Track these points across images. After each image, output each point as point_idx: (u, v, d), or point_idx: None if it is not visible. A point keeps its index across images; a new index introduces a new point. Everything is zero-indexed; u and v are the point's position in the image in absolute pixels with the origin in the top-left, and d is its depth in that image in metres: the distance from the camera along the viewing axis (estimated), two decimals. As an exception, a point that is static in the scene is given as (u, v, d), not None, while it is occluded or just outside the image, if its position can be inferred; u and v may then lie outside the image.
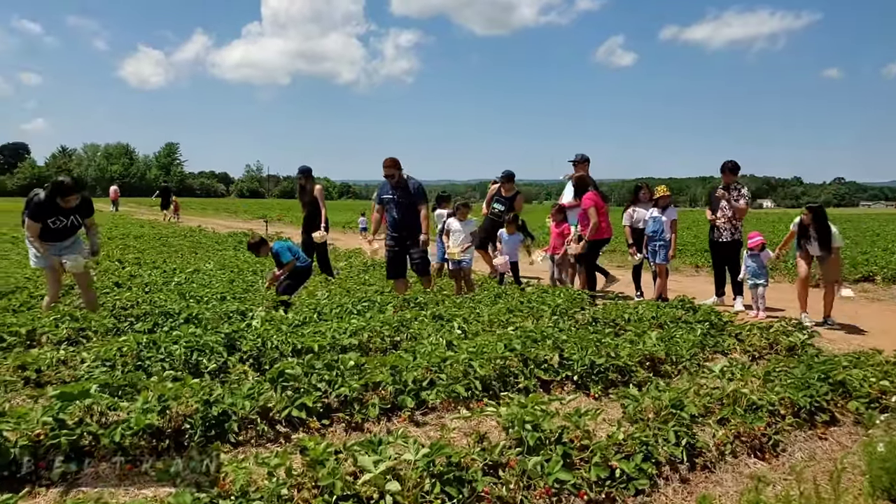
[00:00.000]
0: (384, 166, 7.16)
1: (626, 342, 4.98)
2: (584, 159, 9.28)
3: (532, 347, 4.55)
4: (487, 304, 6.65)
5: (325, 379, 3.73)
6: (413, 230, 7.19)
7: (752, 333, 5.74)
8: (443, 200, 10.19)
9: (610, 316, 6.22)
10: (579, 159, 9.28)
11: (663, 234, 8.13)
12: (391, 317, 5.35)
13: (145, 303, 6.12)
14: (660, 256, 8.16)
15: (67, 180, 5.29)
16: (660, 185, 8.46)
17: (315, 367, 3.79)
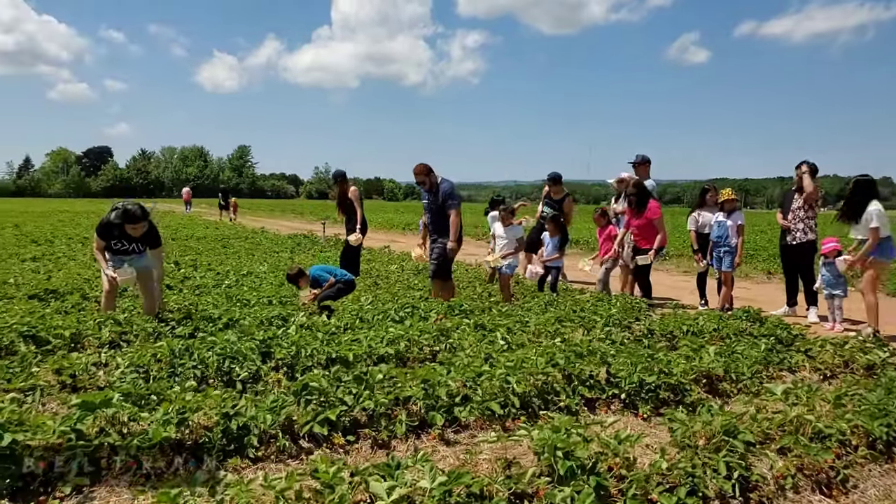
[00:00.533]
0: (414, 173, 6.98)
1: (682, 357, 4.64)
2: (644, 160, 8.84)
3: (577, 362, 4.27)
4: (538, 312, 6.38)
5: (353, 392, 3.56)
6: (442, 234, 6.96)
7: (825, 349, 5.28)
8: (496, 204, 9.95)
9: (667, 327, 5.86)
10: (640, 161, 8.85)
11: (728, 239, 7.67)
12: (431, 325, 5.16)
13: (192, 306, 6.13)
14: (725, 263, 7.69)
15: (136, 210, 5.36)
16: (726, 188, 7.99)
17: (342, 379, 3.63)
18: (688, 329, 5.81)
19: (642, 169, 8.88)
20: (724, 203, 7.81)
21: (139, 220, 5.34)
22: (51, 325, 4.87)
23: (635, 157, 8.95)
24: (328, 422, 3.33)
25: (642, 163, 8.88)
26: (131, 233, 5.37)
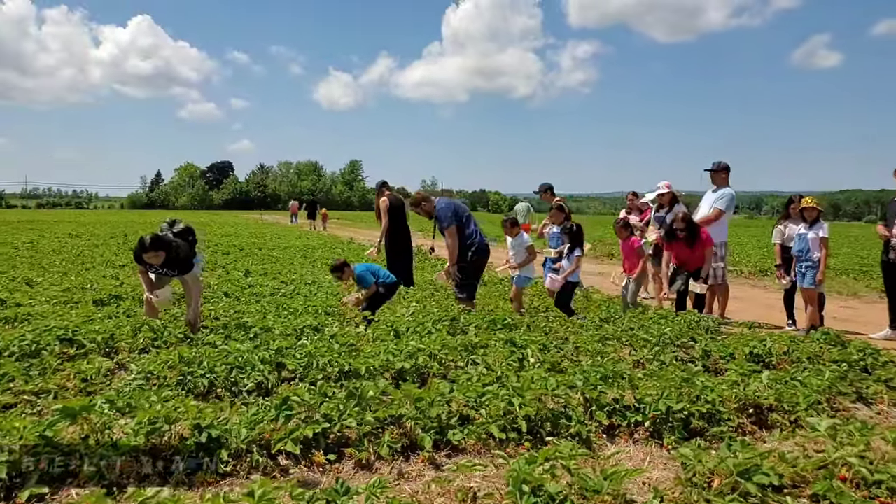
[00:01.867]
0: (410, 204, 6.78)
1: (726, 383, 4.15)
2: (721, 167, 8.17)
3: (598, 384, 3.90)
4: (590, 328, 5.99)
5: (341, 408, 3.40)
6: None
7: (911, 380, 4.59)
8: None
9: (728, 350, 5.30)
10: (717, 167, 8.19)
11: (810, 253, 6.92)
12: (458, 339, 4.91)
13: (239, 314, 6.20)
14: (807, 280, 6.95)
15: (146, 240, 5.37)
16: (807, 196, 7.22)
17: (328, 394, 3.47)
18: (751, 352, 5.24)
19: (719, 177, 8.22)
20: (804, 211, 7.06)
21: (148, 250, 5.32)
22: (90, 329, 5.02)
23: (713, 164, 8.30)
24: (306, 439, 3.18)
25: (719, 170, 8.21)
26: (149, 261, 5.42)
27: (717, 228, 8.09)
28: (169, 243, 5.38)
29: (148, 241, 5.28)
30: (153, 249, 5.29)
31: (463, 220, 6.45)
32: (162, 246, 5.31)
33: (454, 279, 6.52)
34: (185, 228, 5.80)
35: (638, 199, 9.23)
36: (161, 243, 5.31)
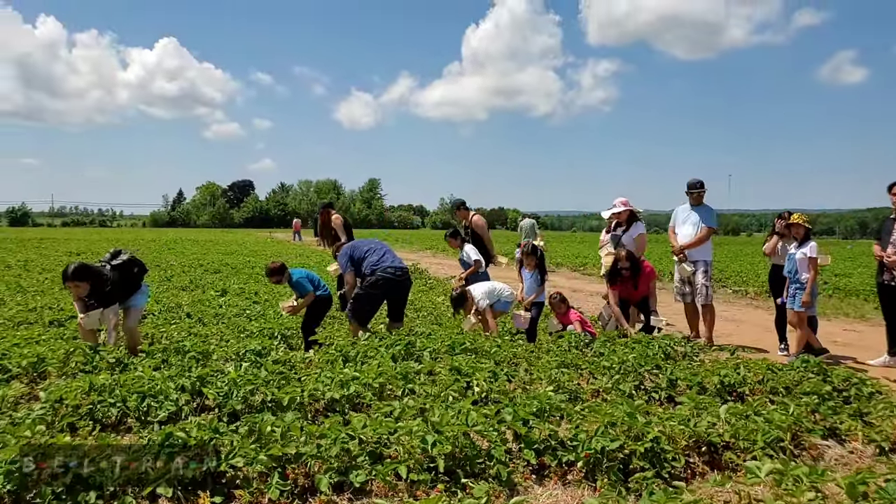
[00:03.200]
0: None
1: (678, 418, 3.79)
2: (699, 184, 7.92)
3: (531, 419, 3.57)
4: (554, 354, 5.65)
5: (234, 444, 3.10)
6: None
7: (891, 415, 4.19)
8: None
9: (696, 379, 4.93)
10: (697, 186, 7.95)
11: (798, 274, 6.53)
12: (400, 366, 4.60)
13: (191, 336, 5.95)
14: (796, 302, 6.55)
15: (68, 269, 5.20)
16: (796, 213, 6.82)
17: (220, 430, 3.18)
18: (721, 381, 4.86)
19: (699, 194, 7.92)
20: (791, 228, 6.67)
21: (69, 279, 5.14)
22: (20, 352, 4.80)
23: (695, 183, 7.94)
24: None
25: (699, 188, 7.91)
26: (70, 289, 5.22)
27: (703, 247, 7.78)
28: (96, 274, 5.19)
29: (70, 270, 5.10)
30: (74, 279, 5.12)
31: (362, 256, 6.34)
32: (85, 276, 5.12)
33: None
34: (129, 260, 5.59)
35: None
36: (84, 274, 5.13)
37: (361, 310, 6.20)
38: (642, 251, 7.69)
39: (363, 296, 6.15)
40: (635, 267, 6.96)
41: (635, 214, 7.88)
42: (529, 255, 7.09)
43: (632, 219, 7.82)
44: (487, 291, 6.79)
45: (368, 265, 6.21)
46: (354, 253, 6.37)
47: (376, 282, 6.11)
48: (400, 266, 6.35)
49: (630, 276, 6.96)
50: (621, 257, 7.01)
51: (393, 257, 6.40)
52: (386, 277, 6.13)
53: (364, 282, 6.18)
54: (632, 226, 7.79)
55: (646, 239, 7.92)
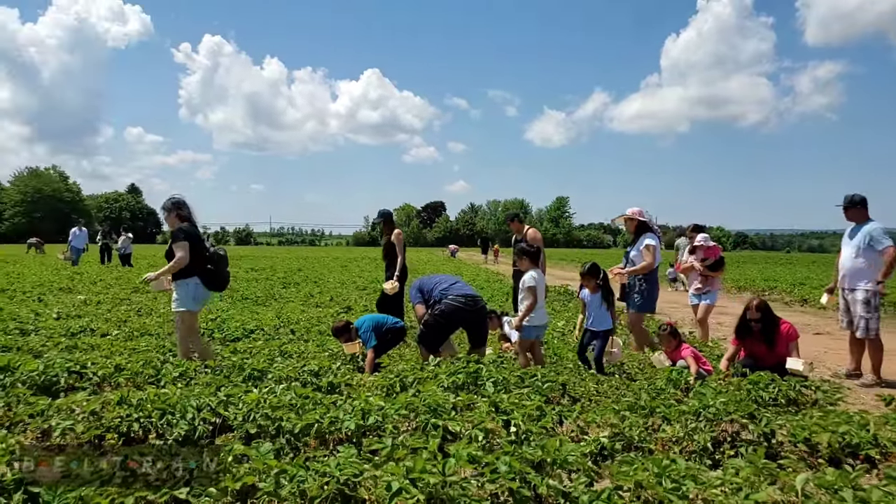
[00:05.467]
0: None
1: (729, 486, 3.01)
2: (857, 201, 6.68)
3: (529, 473, 3.02)
4: (622, 393, 4.92)
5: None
6: None
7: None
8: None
9: (802, 433, 3.96)
10: (849, 203, 6.75)
11: None
12: (424, 398, 4.19)
13: (277, 354, 6.02)
14: None
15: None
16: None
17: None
18: (840, 439, 3.86)
19: (857, 213, 6.64)
20: None
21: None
22: (103, 363, 5.10)
23: (845, 199, 6.71)
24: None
25: (851, 206, 6.63)
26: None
27: (872, 273, 6.51)
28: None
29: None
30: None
31: (432, 286, 6.27)
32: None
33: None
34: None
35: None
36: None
37: (429, 336, 6.11)
38: (649, 266, 6.76)
39: (431, 323, 6.07)
40: (769, 320, 5.91)
41: (646, 224, 6.97)
42: (587, 276, 6.20)
43: (641, 229, 6.96)
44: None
45: (438, 292, 6.17)
46: (424, 285, 6.37)
47: (444, 309, 6.03)
48: (470, 294, 6.20)
49: (761, 332, 5.90)
50: (752, 307, 5.97)
51: (463, 286, 6.31)
52: (454, 305, 6.04)
53: (433, 309, 6.08)
54: (641, 237, 6.93)
55: (656, 251, 6.85)
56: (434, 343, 6.06)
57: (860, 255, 6.63)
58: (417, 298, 6.28)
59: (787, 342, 5.87)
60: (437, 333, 6.07)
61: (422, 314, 6.16)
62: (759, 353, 5.91)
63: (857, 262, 6.66)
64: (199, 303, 5.74)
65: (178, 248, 5.52)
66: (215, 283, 5.81)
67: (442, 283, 6.23)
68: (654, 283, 6.89)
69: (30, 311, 8.26)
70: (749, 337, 5.97)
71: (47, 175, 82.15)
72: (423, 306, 6.18)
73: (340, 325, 6.49)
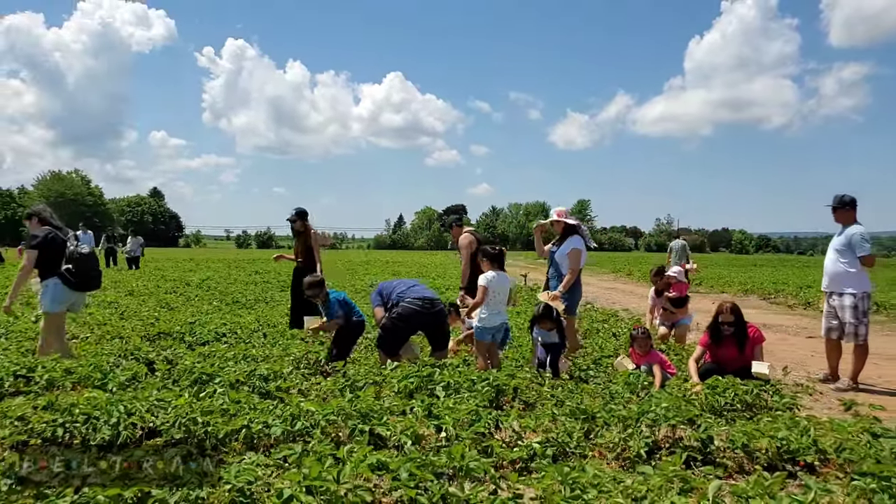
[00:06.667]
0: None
1: (634, 494, 2.93)
2: (847, 202, 6.61)
3: (429, 481, 2.96)
4: (576, 395, 4.83)
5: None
6: None
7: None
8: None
9: (740, 440, 3.86)
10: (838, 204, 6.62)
11: None
12: (360, 403, 4.14)
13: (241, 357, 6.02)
14: None
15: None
16: None
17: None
18: (779, 445, 3.75)
19: (845, 214, 6.53)
20: None
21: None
22: (51, 367, 5.12)
23: (835, 200, 6.58)
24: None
25: (843, 206, 6.52)
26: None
27: (858, 278, 6.39)
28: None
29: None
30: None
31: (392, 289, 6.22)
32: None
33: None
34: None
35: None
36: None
37: (387, 339, 6.08)
38: (574, 272, 6.53)
39: (389, 326, 6.04)
40: (741, 323, 5.80)
41: (574, 227, 6.74)
42: (543, 319, 6.00)
43: (568, 232, 6.72)
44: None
45: (396, 295, 6.12)
46: (384, 289, 6.34)
47: (402, 312, 5.98)
48: (428, 296, 6.13)
49: (734, 336, 5.79)
50: (724, 310, 5.85)
51: (422, 289, 6.24)
52: (411, 308, 5.98)
53: (391, 312, 6.04)
54: (567, 239, 6.69)
55: (581, 255, 6.62)
56: (393, 347, 6.02)
57: (843, 259, 6.49)
58: (377, 302, 6.24)
59: (753, 346, 5.75)
60: (394, 337, 6.01)
61: (380, 317, 6.11)
62: (729, 357, 5.78)
63: (839, 265, 6.52)
64: (61, 303, 5.76)
65: (24, 257, 5.75)
66: (80, 284, 5.81)
67: (400, 287, 6.19)
68: (577, 285, 6.72)
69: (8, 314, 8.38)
70: (720, 340, 5.85)
71: (70, 178, 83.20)
72: (382, 309, 6.12)
73: (317, 280, 6.48)
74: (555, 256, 6.72)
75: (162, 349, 6.35)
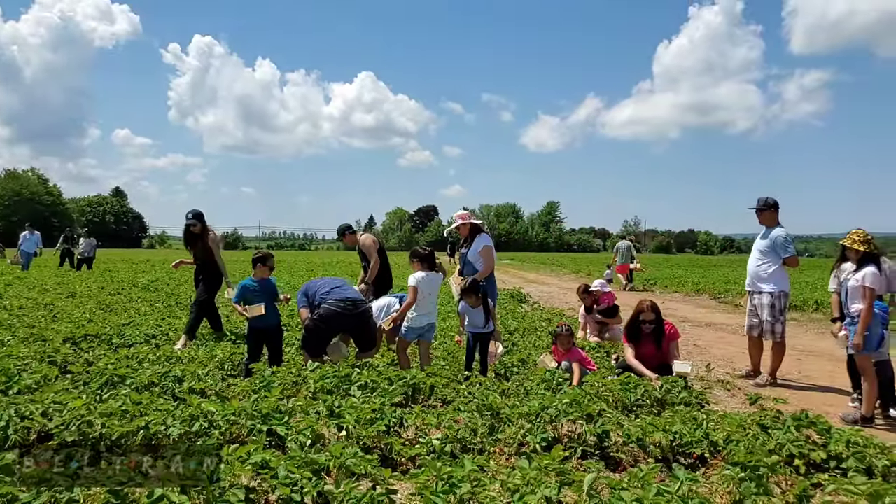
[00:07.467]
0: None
1: (510, 487, 2.97)
2: (770, 205, 6.77)
3: (304, 479, 2.97)
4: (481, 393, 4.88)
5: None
6: None
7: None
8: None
9: (635, 433, 3.93)
10: (763, 206, 6.80)
11: (854, 305, 5.13)
12: (264, 403, 4.14)
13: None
14: (850, 339, 5.14)
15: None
16: (855, 230, 5.36)
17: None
18: (673, 439, 3.83)
19: (769, 216, 6.72)
20: (847, 253, 5.32)
21: None
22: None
23: (757, 202, 6.75)
24: None
25: (766, 208, 6.72)
26: None
27: (776, 277, 6.54)
28: None
29: None
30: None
31: (316, 290, 6.20)
32: None
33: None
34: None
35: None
36: None
37: (310, 341, 6.06)
38: (489, 268, 6.61)
39: (311, 327, 6.01)
40: (660, 321, 5.90)
41: (479, 227, 6.84)
42: (469, 293, 5.91)
43: (474, 232, 6.82)
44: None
45: (318, 297, 6.09)
46: (309, 289, 6.29)
47: (322, 314, 5.96)
48: (350, 298, 6.09)
49: (653, 333, 5.88)
50: (645, 308, 5.95)
51: (344, 290, 6.18)
52: (331, 310, 5.96)
53: (313, 314, 6.03)
54: (475, 239, 6.77)
55: (492, 253, 6.71)
56: (316, 348, 6.00)
57: (764, 259, 6.66)
58: (303, 302, 6.20)
59: (669, 342, 5.86)
60: (317, 338, 5.98)
61: (305, 318, 6.10)
62: (648, 354, 5.88)
63: (761, 266, 6.68)
64: None
65: None
66: None
67: (323, 288, 6.15)
68: (493, 283, 6.79)
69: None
70: (639, 338, 5.95)
71: (25, 177, 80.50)
72: (307, 310, 6.10)
73: (260, 255, 6.23)
74: (467, 257, 6.76)
75: (83, 351, 6.25)
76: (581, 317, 8.70)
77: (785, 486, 3.50)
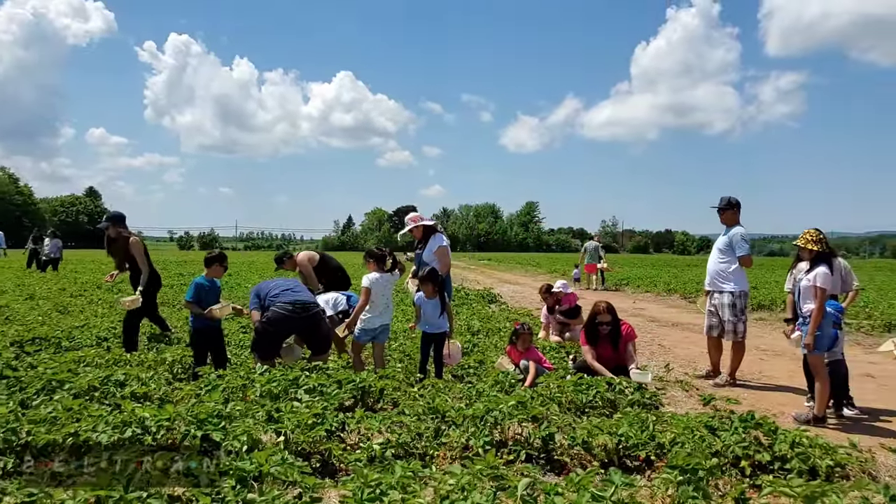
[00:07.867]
0: None
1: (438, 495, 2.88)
2: (731, 205, 6.75)
3: (227, 488, 2.86)
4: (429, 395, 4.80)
5: None
6: None
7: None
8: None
9: (580, 436, 3.86)
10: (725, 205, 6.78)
11: (807, 305, 5.12)
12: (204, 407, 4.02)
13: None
14: (803, 339, 5.13)
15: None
16: (808, 230, 5.35)
17: None
18: (618, 441, 3.77)
19: (729, 215, 6.69)
20: (801, 252, 5.32)
21: None
22: None
23: (720, 201, 6.74)
24: None
25: (728, 208, 6.69)
26: None
27: (736, 276, 6.54)
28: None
29: None
30: None
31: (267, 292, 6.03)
32: None
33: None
34: None
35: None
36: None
37: (259, 343, 5.93)
38: (446, 267, 6.53)
39: (260, 330, 5.88)
40: (616, 322, 5.88)
41: (433, 227, 6.79)
42: (426, 280, 5.87)
43: (428, 233, 6.76)
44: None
45: (268, 299, 5.95)
46: (261, 290, 6.12)
47: (271, 317, 5.82)
48: (300, 300, 5.93)
49: (609, 334, 5.87)
50: (601, 310, 5.90)
51: (294, 293, 6.01)
52: (280, 313, 5.80)
53: (262, 316, 5.89)
54: (430, 240, 6.70)
55: (448, 252, 6.66)
56: (266, 350, 5.86)
57: (724, 258, 6.65)
58: (255, 304, 6.05)
59: (626, 343, 5.83)
60: (266, 341, 5.86)
61: (256, 320, 5.96)
62: (605, 356, 5.84)
63: (720, 265, 6.67)
64: None
65: None
66: None
67: (274, 290, 5.99)
68: (448, 281, 6.73)
69: None
70: (596, 340, 5.91)
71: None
72: (259, 312, 5.95)
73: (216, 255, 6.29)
74: (423, 258, 6.67)
75: (28, 355, 6.06)
76: (543, 317, 8.69)
77: (727, 488, 3.46)
